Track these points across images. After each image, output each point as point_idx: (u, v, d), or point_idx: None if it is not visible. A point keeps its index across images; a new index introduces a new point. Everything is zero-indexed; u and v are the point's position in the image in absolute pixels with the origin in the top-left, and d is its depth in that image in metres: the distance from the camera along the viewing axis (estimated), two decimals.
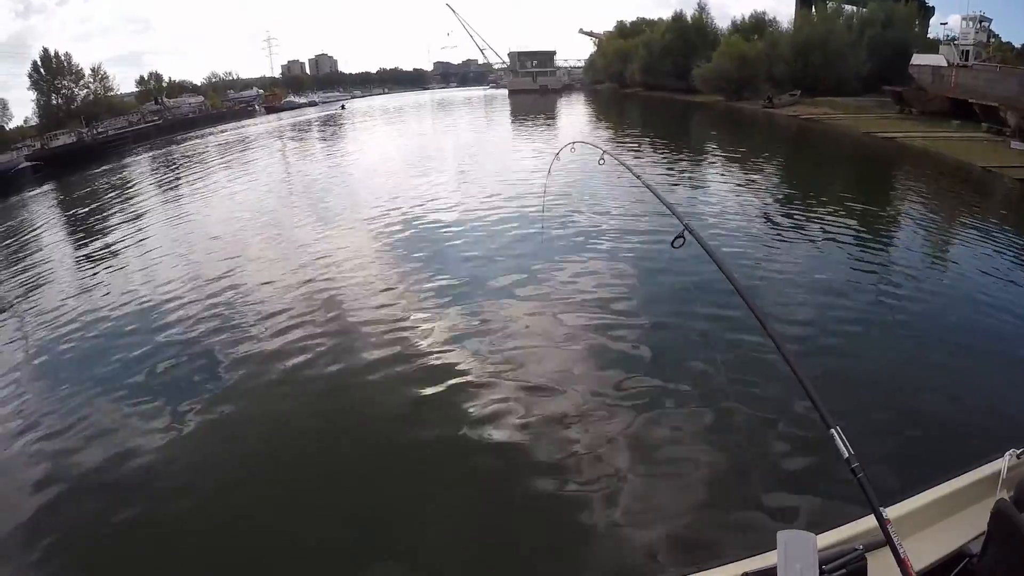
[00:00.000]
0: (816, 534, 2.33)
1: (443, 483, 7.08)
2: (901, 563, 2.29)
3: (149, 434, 8.88)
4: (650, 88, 69.68)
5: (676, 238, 4.04)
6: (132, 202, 33.75)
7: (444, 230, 16.98)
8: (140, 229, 25.28)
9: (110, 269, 19.67)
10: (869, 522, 2.59)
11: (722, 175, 20.48)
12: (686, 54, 59.60)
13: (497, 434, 7.86)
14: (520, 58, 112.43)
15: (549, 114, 58.00)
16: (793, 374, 2.88)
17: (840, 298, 11.46)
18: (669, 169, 21.93)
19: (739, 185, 19.07)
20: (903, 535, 2.43)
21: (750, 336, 8.87)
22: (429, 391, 9.05)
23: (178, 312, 13.83)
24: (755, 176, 19.90)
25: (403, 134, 54.15)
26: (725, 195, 18.14)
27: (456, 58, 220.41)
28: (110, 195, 38.66)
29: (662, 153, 26.10)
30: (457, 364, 9.68)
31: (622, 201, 18.75)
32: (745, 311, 3.37)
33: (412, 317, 11.59)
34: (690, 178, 20.56)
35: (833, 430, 2.60)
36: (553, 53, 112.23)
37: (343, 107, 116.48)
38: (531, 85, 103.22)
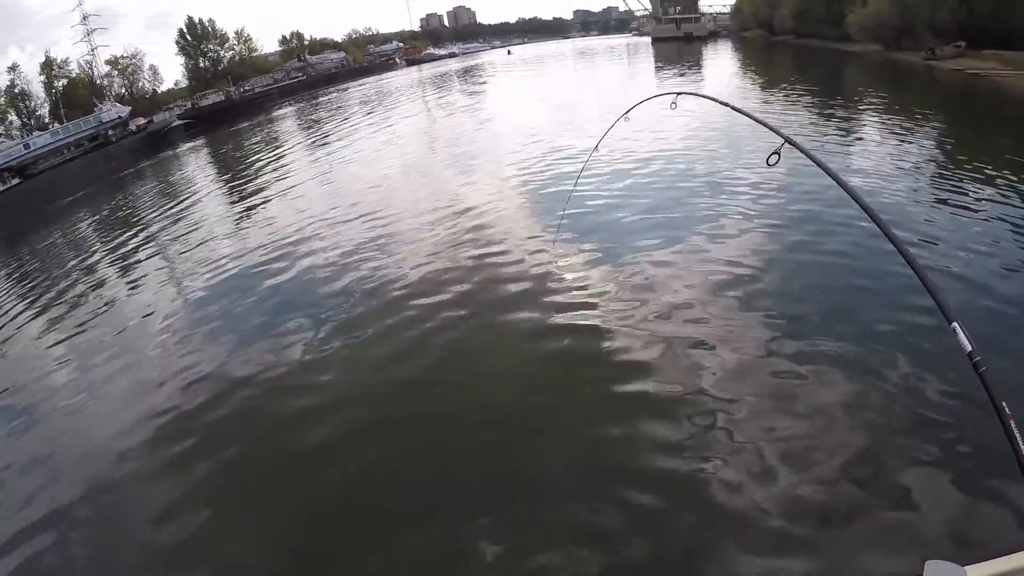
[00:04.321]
0: (967, 565, 1.86)
1: (571, 440, 6.34)
2: None
3: (288, 364, 9.11)
4: (801, 36, 64.70)
5: (772, 154, 3.83)
6: (277, 152, 35.03)
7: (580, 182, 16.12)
8: (284, 176, 26.08)
9: (257, 212, 20.31)
10: None
11: (878, 138, 18.13)
12: None
13: (629, 388, 7.00)
14: (663, 4, 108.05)
15: (695, 64, 55.27)
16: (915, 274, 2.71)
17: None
18: (815, 128, 19.90)
19: (893, 148, 16.71)
20: None
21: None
22: (559, 344, 8.30)
23: (320, 254, 13.91)
24: (910, 141, 17.39)
25: (545, 85, 53.22)
26: (878, 159, 15.92)
27: (596, 5, 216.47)
28: (257, 146, 40.47)
29: (810, 110, 23.85)
30: (596, 316, 8.81)
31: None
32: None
33: (554, 265, 10.83)
34: (841, 141, 18.33)
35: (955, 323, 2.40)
36: None
37: (509, 52, 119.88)
38: (675, 32, 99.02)
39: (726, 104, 5.69)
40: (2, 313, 17.06)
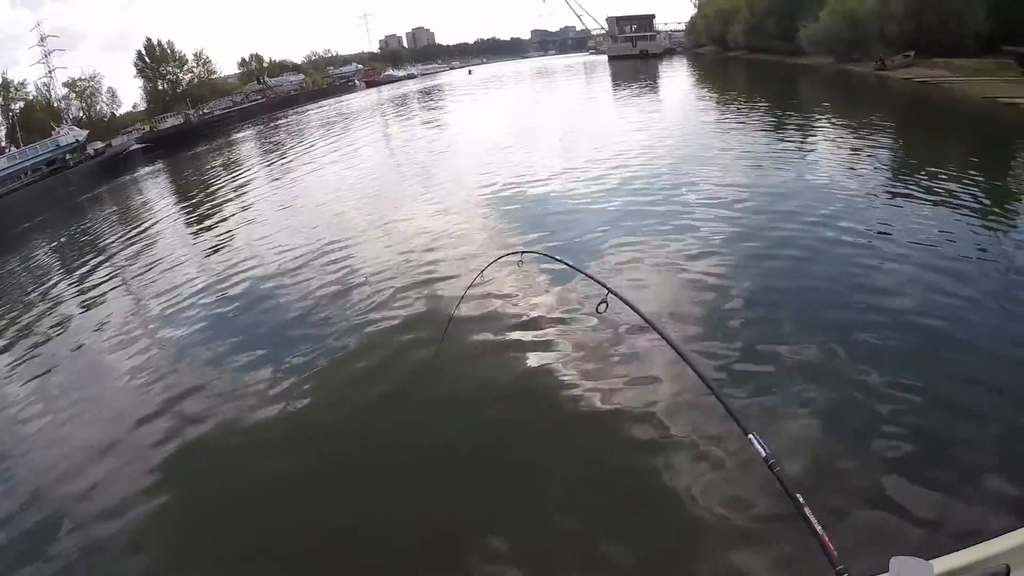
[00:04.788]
0: (933, 558, 2.08)
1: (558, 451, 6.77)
2: None
3: (249, 394, 9.25)
4: (754, 51, 66.16)
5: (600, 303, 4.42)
6: (237, 176, 35.26)
7: (543, 199, 16.80)
8: (244, 202, 26.37)
9: (217, 239, 20.54)
10: (1000, 544, 2.24)
11: (831, 144, 19.35)
12: (791, 14, 56.21)
13: (589, 398, 7.47)
14: (619, 23, 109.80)
15: (651, 80, 56.57)
16: None
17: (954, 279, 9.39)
18: (774, 137, 20.96)
19: (848, 153, 17.97)
20: None
21: None
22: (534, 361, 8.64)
23: (281, 281, 14.15)
24: (863, 144, 18.67)
25: (503, 103, 54.13)
26: (832, 165, 17.06)
27: (553, 25, 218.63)
28: (217, 170, 40.64)
29: (767, 119, 24.94)
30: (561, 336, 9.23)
31: None
32: None
33: (514, 289, 11.24)
34: (799, 147, 19.52)
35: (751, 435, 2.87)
36: (652, 17, 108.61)
37: (470, 72, 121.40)
38: (631, 50, 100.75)
39: (560, 260, 6.35)
40: None
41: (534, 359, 8.57)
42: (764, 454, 2.74)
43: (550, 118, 36.04)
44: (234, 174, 36.26)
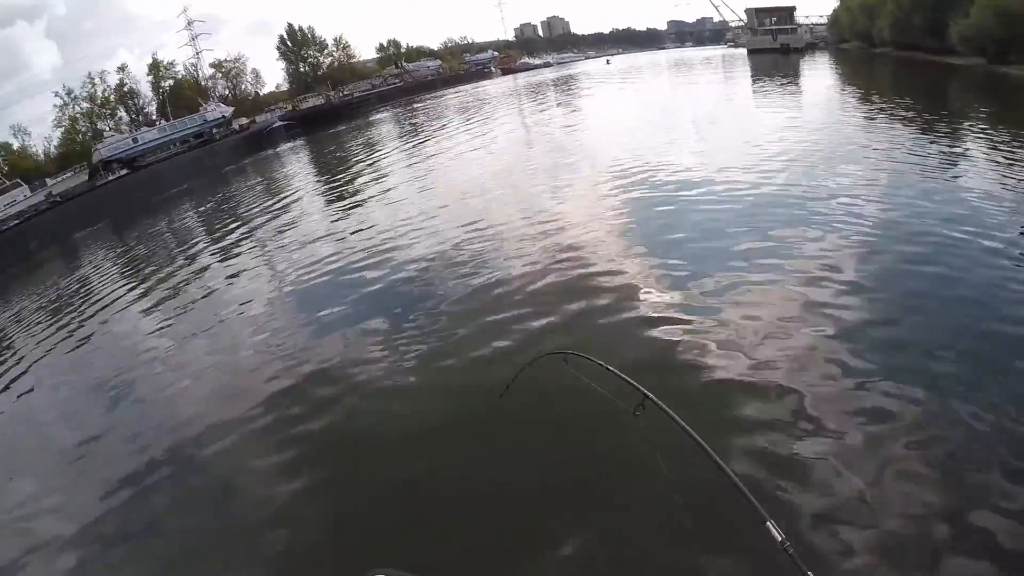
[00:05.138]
0: None
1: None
2: None
3: (371, 362, 9.32)
4: (901, 48, 61.30)
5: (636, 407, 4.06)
6: (375, 155, 35.50)
7: (681, 198, 15.42)
8: (380, 179, 26.35)
9: (353, 213, 20.57)
10: None
11: (982, 159, 16.06)
12: (941, 8, 50.76)
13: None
14: (758, 15, 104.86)
15: (792, 77, 53.32)
16: None
17: None
18: (923, 153, 17.71)
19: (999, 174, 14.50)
20: None
21: None
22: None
23: (411, 258, 13.87)
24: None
25: (640, 94, 52.60)
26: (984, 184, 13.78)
27: (690, 16, 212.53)
28: (356, 149, 41.23)
29: (910, 127, 21.90)
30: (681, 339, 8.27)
31: None
32: None
33: (641, 284, 10.29)
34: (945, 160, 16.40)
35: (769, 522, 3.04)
36: (793, 9, 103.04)
37: (608, 61, 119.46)
38: (771, 44, 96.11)
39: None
40: (108, 293, 17.98)
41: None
42: (780, 539, 2.92)
43: (688, 113, 34.35)
44: (372, 153, 36.55)
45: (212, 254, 19.89)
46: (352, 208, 21.38)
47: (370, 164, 31.70)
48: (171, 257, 21.01)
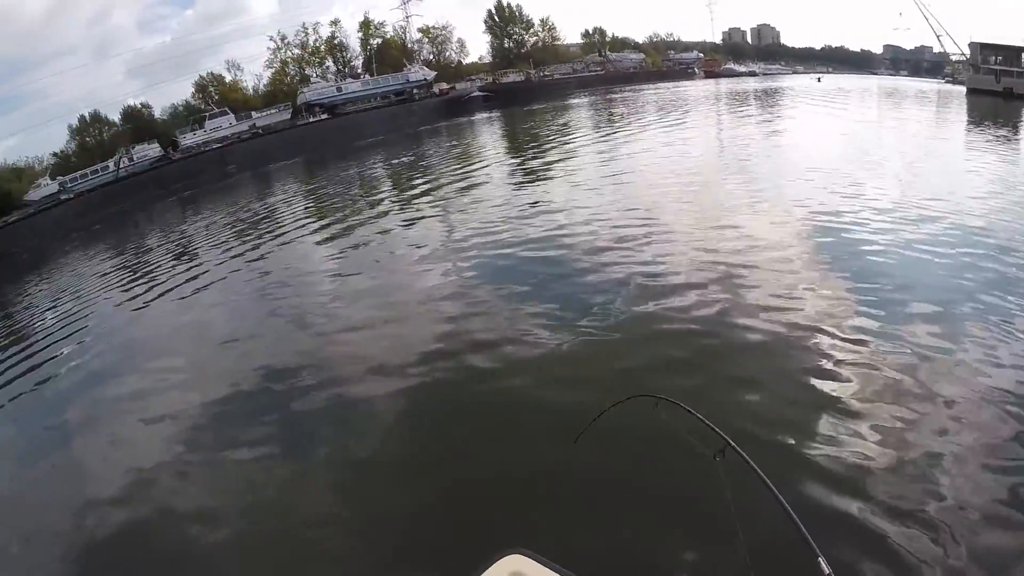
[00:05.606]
0: None
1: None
2: None
3: (531, 342, 8.98)
4: None
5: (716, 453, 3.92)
6: (566, 138, 34.93)
7: (869, 240, 13.48)
8: (568, 162, 25.65)
9: (536, 190, 20.06)
10: None
11: None
12: None
13: None
14: (982, 51, 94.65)
15: (1012, 128, 47.33)
16: None
17: None
18: None
19: None
20: None
21: None
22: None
23: (585, 246, 12.96)
24: None
25: (844, 121, 49.13)
26: None
27: (908, 43, 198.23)
28: (549, 129, 40.86)
29: None
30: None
31: None
32: None
33: (817, 324, 8.89)
34: None
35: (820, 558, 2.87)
36: (1021, 50, 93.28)
37: (819, 79, 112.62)
38: (993, 85, 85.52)
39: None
40: (289, 221, 19.04)
41: None
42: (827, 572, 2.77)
43: (894, 152, 31.57)
44: (564, 136, 36.01)
45: (393, 205, 20.25)
46: (534, 186, 20.86)
47: (561, 146, 31.09)
48: (354, 200, 21.55)
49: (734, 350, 7.93)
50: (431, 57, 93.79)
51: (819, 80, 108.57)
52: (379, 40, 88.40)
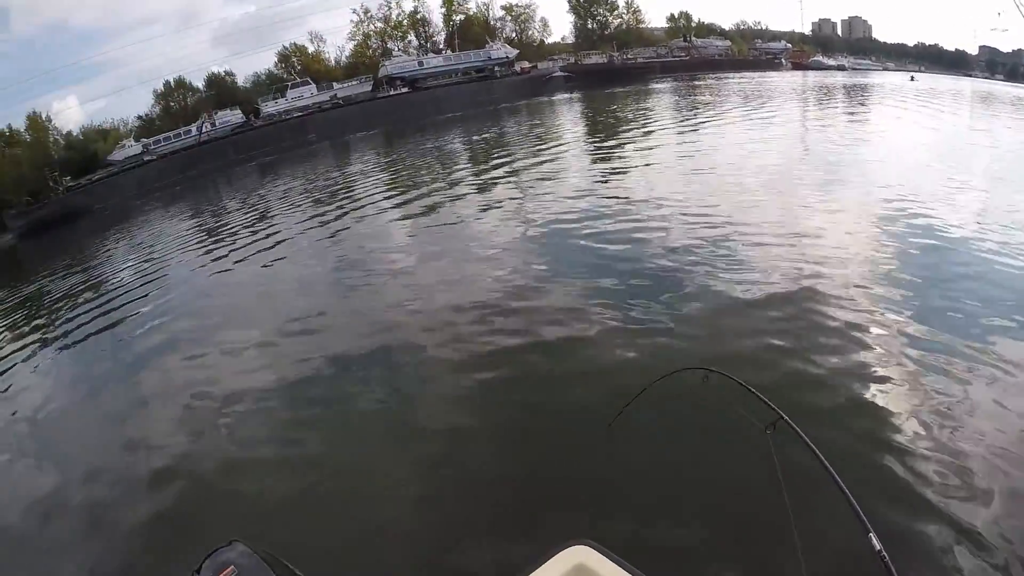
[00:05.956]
0: None
1: None
2: None
3: (589, 323, 8.99)
4: None
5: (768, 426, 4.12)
6: (647, 123, 34.26)
7: (953, 250, 12.64)
8: (650, 149, 25.01)
9: (612, 174, 19.60)
10: None
11: None
12: None
13: None
14: None
15: None
16: None
17: None
18: None
19: None
20: None
21: None
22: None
23: (657, 234, 12.70)
24: None
25: (937, 122, 46.88)
26: None
27: (1006, 45, 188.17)
28: (628, 113, 40.21)
29: None
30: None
31: None
32: None
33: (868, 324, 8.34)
34: None
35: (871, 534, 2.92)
36: None
37: (912, 78, 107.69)
38: None
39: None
40: (366, 193, 19.61)
41: None
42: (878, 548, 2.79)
43: (984, 160, 29.88)
44: (646, 121, 35.29)
45: (470, 182, 20.22)
46: (613, 172, 20.30)
47: (642, 131, 30.46)
48: (431, 175, 21.53)
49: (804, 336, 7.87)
50: (513, 35, 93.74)
51: (912, 79, 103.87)
52: (462, 16, 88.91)
